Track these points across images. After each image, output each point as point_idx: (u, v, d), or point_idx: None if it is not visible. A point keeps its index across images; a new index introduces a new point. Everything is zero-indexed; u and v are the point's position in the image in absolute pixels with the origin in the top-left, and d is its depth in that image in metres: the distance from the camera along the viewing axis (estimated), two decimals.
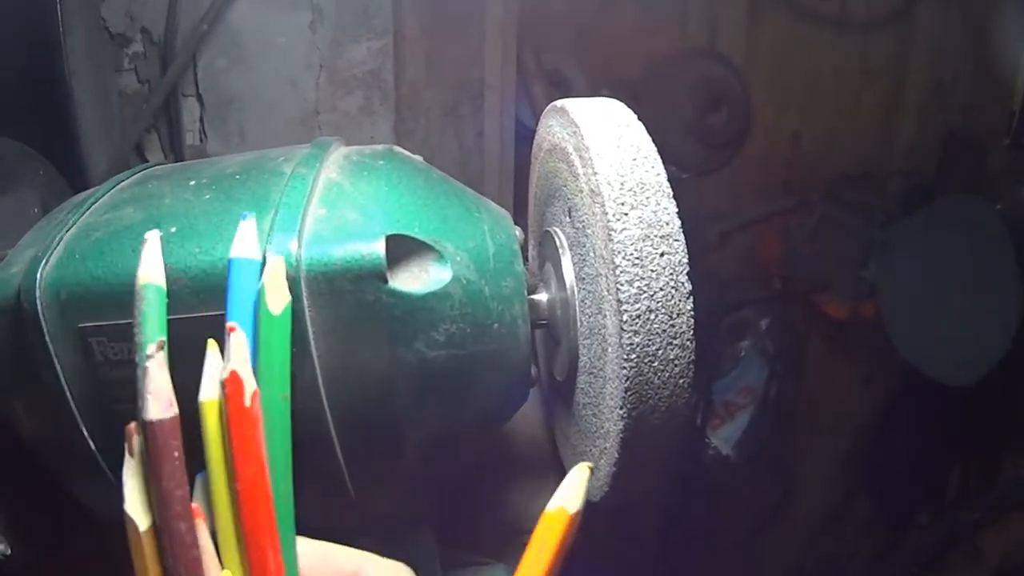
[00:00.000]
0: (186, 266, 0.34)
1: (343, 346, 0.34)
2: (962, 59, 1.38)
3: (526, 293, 0.40)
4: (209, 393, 0.22)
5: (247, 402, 0.22)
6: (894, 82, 1.41)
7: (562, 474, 0.54)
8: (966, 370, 1.10)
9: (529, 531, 0.54)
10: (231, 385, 0.22)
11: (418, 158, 0.45)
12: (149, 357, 0.22)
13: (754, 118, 1.40)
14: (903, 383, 1.36)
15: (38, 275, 0.34)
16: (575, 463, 0.49)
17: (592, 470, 0.23)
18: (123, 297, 0.34)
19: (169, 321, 0.33)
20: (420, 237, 0.36)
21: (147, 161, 0.82)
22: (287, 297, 0.24)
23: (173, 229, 0.36)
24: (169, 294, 0.34)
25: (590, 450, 0.44)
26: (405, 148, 0.46)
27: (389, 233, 0.35)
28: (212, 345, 0.23)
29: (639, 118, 0.43)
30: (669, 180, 0.38)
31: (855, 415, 1.46)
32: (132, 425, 0.21)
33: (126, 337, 0.34)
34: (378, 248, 0.34)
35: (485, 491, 0.54)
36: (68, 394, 0.35)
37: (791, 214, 1.38)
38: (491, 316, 0.37)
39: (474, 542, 0.51)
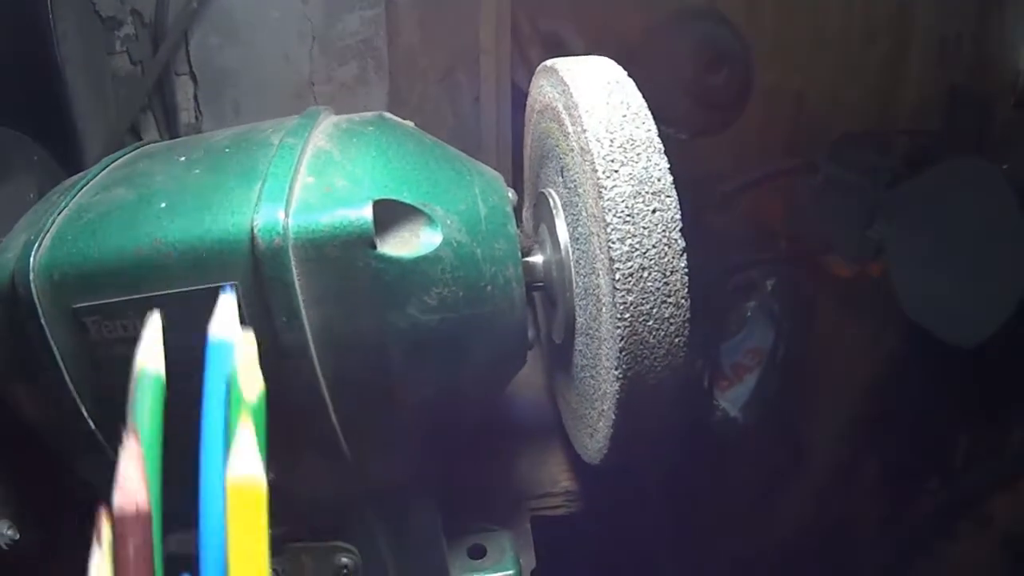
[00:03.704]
0: (175, 240, 0.34)
1: (334, 313, 0.34)
2: (968, 17, 1.35)
3: (520, 255, 0.40)
4: (246, 469, 0.21)
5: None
6: (898, 40, 1.39)
7: (565, 439, 0.54)
8: (973, 330, 1.09)
9: (535, 496, 0.55)
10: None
11: (409, 123, 0.45)
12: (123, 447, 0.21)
13: (756, 78, 1.37)
14: (911, 343, 1.35)
15: (31, 259, 0.35)
16: (576, 427, 0.49)
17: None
18: (116, 275, 0.35)
19: (161, 296, 0.34)
20: (409, 201, 0.36)
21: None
22: (260, 384, 0.23)
23: (163, 205, 0.36)
24: (161, 268, 0.34)
25: (589, 413, 0.44)
26: (401, 116, 0.46)
27: (377, 198, 0.35)
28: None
29: (638, 80, 0.42)
30: (670, 142, 0.38)
31: (863, 375, 1.46)
32: (103, 511, 0.20)
33: (120, 315, 0.35)
34: (365, 213, 0.34)
35: (489, 457, 0.55)
36: (66, 374, 0.35)
37: (796, 175, 1.37)
38: (484, 279, 0.37)
39: (479, 509, 0.51)
